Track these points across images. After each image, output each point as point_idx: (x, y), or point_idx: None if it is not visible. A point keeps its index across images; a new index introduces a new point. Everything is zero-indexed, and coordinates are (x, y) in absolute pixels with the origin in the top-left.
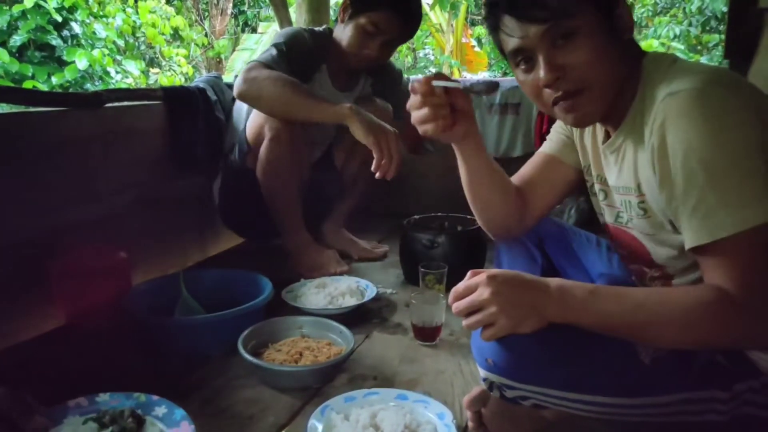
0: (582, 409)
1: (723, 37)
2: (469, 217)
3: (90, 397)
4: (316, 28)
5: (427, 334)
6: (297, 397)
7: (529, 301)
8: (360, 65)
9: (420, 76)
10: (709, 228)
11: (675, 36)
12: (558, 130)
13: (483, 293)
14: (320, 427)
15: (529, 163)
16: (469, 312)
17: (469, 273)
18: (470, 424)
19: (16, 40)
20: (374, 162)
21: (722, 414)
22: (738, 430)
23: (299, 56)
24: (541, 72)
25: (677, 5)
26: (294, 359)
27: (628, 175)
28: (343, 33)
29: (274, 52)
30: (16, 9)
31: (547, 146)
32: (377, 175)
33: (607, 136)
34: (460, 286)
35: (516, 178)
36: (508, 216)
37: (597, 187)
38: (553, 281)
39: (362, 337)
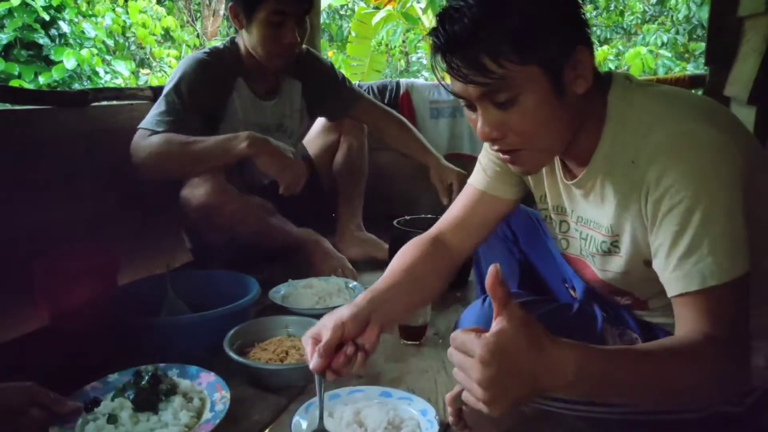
0: (556, 406)
1: None
2: None
3: (102, 380)
4: (219, 45)
5: (412, 333)
6: (282, 396)
7: (529, 383)
8: (284, 60)
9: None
10: (699, 274)
11: (663, 43)
12: (492, 159)
13: (476, 371)
14: (305, 424)
15: (460, 201)
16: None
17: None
18: (451, 419)
19: (2, 38)
20: (281, 187)
21: (699, 412)
22: (712, 427)
23: (202, 88)
24: (479, 126)
25: (665, 13)
26: (279, 358)
27: (604, 213)
28: (252, 38)
29: (162, 108)
30: (3, 7)
31: (480, 181)
32: (280, 190)
33: (567, 169)
34: (459, 338)
35: (447, 221)
36: (443, 274)
37: (555, 217)
38: (573, 363)
39: None
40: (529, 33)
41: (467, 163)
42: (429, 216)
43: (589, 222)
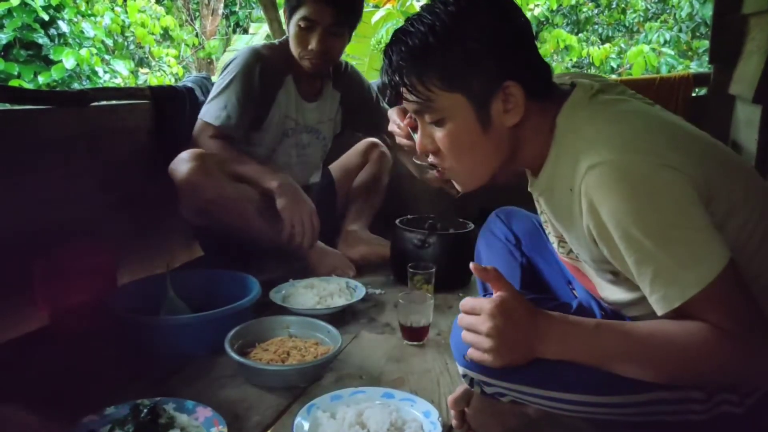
0: (556, 406)
1: None
2: (460, 219)
3: (99, 413)
4: (276, 41)
5: (414, 333)
6: (284, 396)
7: (525, 340)
8: (315, 66)
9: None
10: (676, 291)
11: (665, 41)
12: None
13: (485, 323)
14: (306, 425)
15: None
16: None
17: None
18: (454, 422)
19: (2, 38)
20: (284, 231)
21: (700, 414)
22: (717, 429)
23: (257, 80)
24: (417, 137)
25: (668, 11)
26: (281, 359)
27: (557, 222)
28: (290, 37)
29: (222, 101)
30: (2, 7)
31: None
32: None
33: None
34: (468, 302)
35: None
36: None
37: (543, 218)
38: (557, 319)
39: (350, 336)
40: (456, 64)
41: None
42: (430, 215)
43: (551, 224)
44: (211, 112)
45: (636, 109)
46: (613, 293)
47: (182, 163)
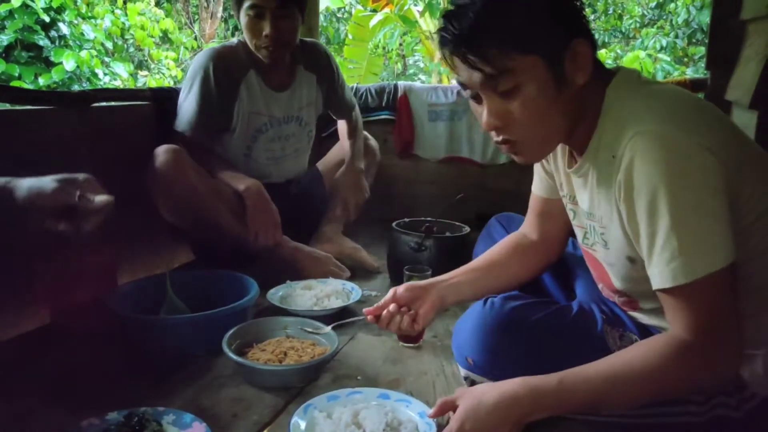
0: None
1: None
2: (457, 223)
3: (100, 416)
4: (234, 40)
5: (410, 336)
6: (281, 396)
7: (501, 428)
8: (272, 53)
9: None
10: (672, 273)
11: (662, 48)
12: (538, 171)
13: None
14: (303, 424)
15: (532, 205)
16: None
17: (438, 404)
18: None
19: (3, 39)
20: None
21: (697, 416)
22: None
23: (222, 80)
24: (484, 115)
25: (664, 17)
26: (278, 359)
27: (595, 203)
28: (243, 30)
29: (192, 107)
30: (3, 8)
31: (536, 187)
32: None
33: (572, 157)
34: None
35: (529, 221)
36: (531, 267)
37: (569, 205)
38: (521, 390)
39: (347, 338)
40: (528, 26)
41: (465, 166)
42: (427, 219)
43: (586, 212)
44: (179, 121)
45: (680, 91)
46: (628, 283)
47: (156, 158)
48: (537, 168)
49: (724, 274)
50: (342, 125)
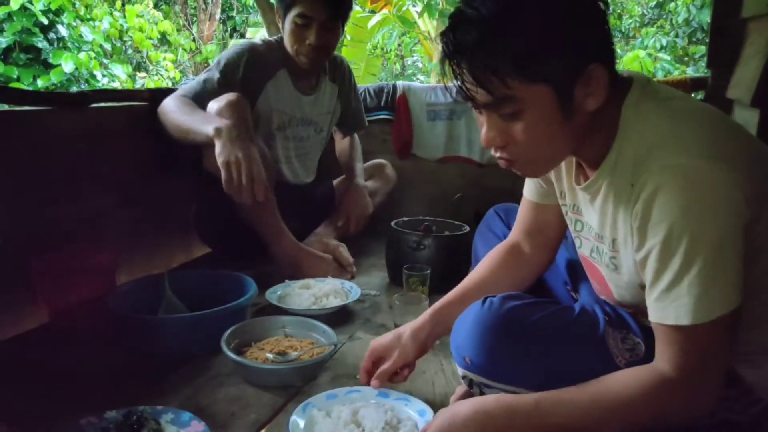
0: None
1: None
2: (456, 222)
3: (98, 415)
4: (273, 38)
5: None
6: (279, 395)
7: None
8: (308, 60)
9: None
10: (675, 312)
11: (662, 47)
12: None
13: None
14: (302, 423)
15: (522, 212)
16: None
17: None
18: None
19: (2, 42)
20: (224, 183)
21: (701, 420)
22: None
23: (239, 68)
24: (483, 131)
25: (664, 16)
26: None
27: (605, 225)
28: (284, 34)
29: (200, 78)
30: (2, 11)
31: (529, 192)
32: (233, 196)
33: (579, 169)
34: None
35: (518, 231)
36: (524, 279)
37: (571, 215)
38: (496, 408)
39: (346, 337)
40: (536, 53)
41: (464, 165)
42: (425, 218)
43: (595, 232)
44: (186, 86)
45: (705, 109)
46: (637, 304)
47: (215, 106)
48: (531, 180)
49: (727, 319)
50: (343, 143)
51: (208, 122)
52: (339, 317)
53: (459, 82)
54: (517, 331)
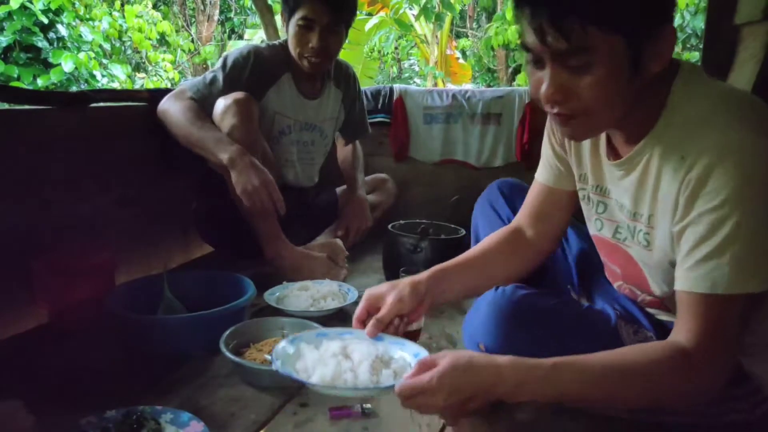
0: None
1: None
2: (452, 225)
3: (98, 414)
4: (277, 42)
5: (406, 337)
6: (278, 396)
7: (477, 392)
8: (314, 64)
9: None
10: (712, 280)
11: None
12: (547, 157)
13: (434, 400)
14: (291, 349)
15: (531, 196)
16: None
17: (417, 364)
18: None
19: (2, 41)
20: (246, 209)
21: (710, 417)
22: None
23: (244, 69)
24: (544, 86)
25: None
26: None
27: (642, 201)
28: (288, 36)
29: (205, 78)
30: (2, 10)
31: (543, 176)
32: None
33: (612, 148)
34: (407, 389)
35: (523, 215)
36: (525, 264)
37: (593, 197)
38: (507, 360)
39: None
40: (620, 3)
41: (460, 169)
42: (422, 221)
43: (628, 210)
44: (190, 84)
45: (751, 95)
46: (665, 284)
47: (222, 103)
48: (546, 152)
49: (756, 298)
50: (346, 151)
51: (220, 147)
52: (336, 319)
53: (535, 26)
54: (532, 317)
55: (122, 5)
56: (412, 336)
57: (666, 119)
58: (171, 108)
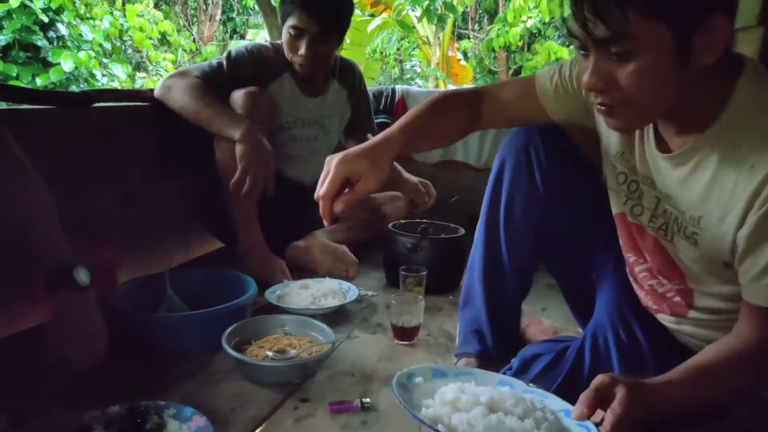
0: None
1: None
2: (452, 225)
3: (102, 410)
4: (279, 41)
5: (405, 333)
6: (278, 392)
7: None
8: (304, 69)
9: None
10: None
11: None
12: (568, 80)
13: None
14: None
15: (517, 82)
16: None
17: (585, 400)
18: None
19: (1, 40)
20: (234, 178)
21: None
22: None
23: (247, 62)
24: (586, 74)
25: None
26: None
27: (688, 197)
28: (282, 42)
29: (211, 63)
30: (2, 8)
31: (542, 84)
32: (232, 189)
33: (660, 139)
34: (591, 395)
35: (494, 88)
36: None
37: (629, 177)
38: (671, 404)
39: (343, 336)
40: None
41: (460, 170)
42: (422, 221)
43: (666, 199)
44: (195, 65)
45: None
46: (701, 281)
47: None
48: (563, 78)
49: None
50: None
51: (232, 123)
52: (337, 317)
53: (577, 12)
54: None
55: (123, 4)
56: (412, 332)
57: (729, 121)
58: (176, 84)
